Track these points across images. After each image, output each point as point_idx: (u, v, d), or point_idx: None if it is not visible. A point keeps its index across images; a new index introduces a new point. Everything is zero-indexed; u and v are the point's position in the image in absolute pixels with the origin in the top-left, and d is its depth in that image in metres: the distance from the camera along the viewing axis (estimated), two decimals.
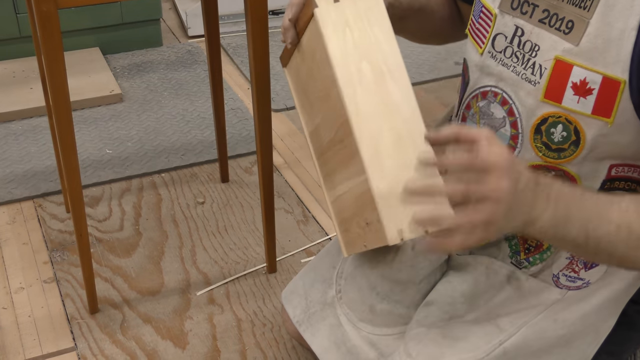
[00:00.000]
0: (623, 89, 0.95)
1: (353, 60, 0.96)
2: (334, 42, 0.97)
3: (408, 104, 0.95)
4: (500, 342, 1.08)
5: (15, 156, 2.21)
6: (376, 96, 0.95)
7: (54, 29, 1.35)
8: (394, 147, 0.94)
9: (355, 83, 0.95)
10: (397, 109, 0.95)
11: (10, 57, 2.65)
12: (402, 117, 0.94)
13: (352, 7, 0.97)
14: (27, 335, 1.63)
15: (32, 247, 1.88)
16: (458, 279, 1.18)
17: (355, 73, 0.96)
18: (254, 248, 1.89)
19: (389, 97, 0.95)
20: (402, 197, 0.91)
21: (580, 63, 0.97)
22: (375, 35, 0.96)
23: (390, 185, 0.93)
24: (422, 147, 0.92)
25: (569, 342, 1.09)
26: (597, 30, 0.95)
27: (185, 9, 2.98)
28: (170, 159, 2.21)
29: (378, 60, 0.96)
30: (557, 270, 1.12)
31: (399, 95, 0.95)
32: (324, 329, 1.26)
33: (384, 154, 0.94)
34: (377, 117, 0.94)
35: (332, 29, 0.97)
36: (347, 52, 0.96)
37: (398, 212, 0.92)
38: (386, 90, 0.95)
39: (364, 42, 0.96)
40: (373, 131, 0.94)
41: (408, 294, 1.21)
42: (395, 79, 0.96)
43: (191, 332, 1.65)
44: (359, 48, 0.96)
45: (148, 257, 1.86)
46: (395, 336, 1.21)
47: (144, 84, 2.61)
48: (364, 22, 0.97)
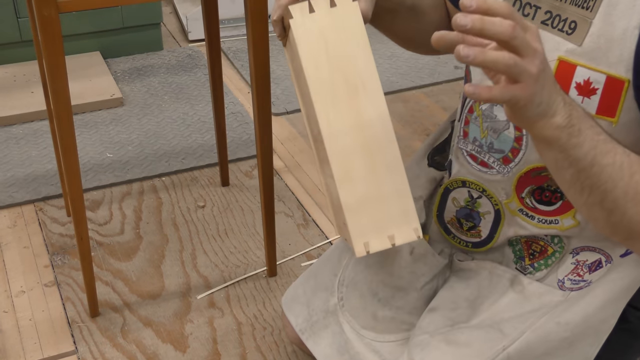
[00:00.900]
0: (627, 88, 0.95)
1: (326, 73, 0.95)
2: (307, 54, 0.95)
3: (381, 119, 0.94)
4: (504, 348, 1.08)
5: (16, 160, 2.21)
6: (349, 111, 0.94)
7: (55, 34, 1.36)
8: (365, 163, 0.94)
9: (328, 97, 0.95)
10: (370, 125, 0.94)
11: (11, 61, 2.66)
12: (374, 132, 0.94)
13: (328, 17, 0.95)
14: (27, 339, 1.64)
15: (33, 250, 1.89)
16: (461, 284, 1.18)
17: (329, 86, 0.94)
18: (254, 252, 1.89)
19: (361, 112, 0.94)
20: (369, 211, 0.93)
21: (583, 63, 0.97)
22: (350, 47, 0.94)
23: (359, 199, 0.94)
24: (393, 163, 0.94)
25: (572, 344, 1.09)
26: (599, 30, 0.95)
27: (186, 13, 2.98)
28: (171, 162, 2.22)
29: (352, 74, 0.94)
30: (563, 275, 1.12)
31: (372, 110, 0.94)
32: (327, 337, 1.25)
33: (354, 169, 0.94)
34: (349, 132, 0.94)
35: (305, 40, 0.95)
36: (321, 64, 0.95)
37: (366, 226, 0.94)
38: (359, 105, 0.94)
39: (338, 55, 0.95)
40: (344, 146, 0.94)
41: (410, 300, 1.21)
42: (368, 93, 0.94)
43: (191, 336, 1.65)
44: (333, 60, 0.95)
45: (148, 261, 1.86)
46: (398, 342, 1.20)
47: (145, 88, 2.62)
48: (339, 34, 0.94)
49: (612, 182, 0.89)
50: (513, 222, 1.12)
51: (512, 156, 1.07)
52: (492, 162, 1.09)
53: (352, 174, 0.94)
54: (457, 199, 1.17)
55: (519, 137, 1.06)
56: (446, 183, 1.18)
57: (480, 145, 1.11)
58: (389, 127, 0.93)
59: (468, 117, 1.13)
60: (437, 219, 1.21)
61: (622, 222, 0.92)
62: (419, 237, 0.94)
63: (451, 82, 2.70)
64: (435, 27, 1.22)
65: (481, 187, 1.13)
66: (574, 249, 1.12)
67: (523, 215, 1.11)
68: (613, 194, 0.90)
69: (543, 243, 1.13)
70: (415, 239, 0.94)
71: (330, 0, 0.95)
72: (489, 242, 1.16)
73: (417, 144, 2.32)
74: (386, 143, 0.94)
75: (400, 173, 0.94)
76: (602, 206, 0.92)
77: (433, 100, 2.59)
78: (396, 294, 1.21)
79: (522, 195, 1.09)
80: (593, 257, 1.11)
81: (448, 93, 2.63)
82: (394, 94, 2.63)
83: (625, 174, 0.89)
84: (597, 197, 0.91)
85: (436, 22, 1.23)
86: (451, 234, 1.20)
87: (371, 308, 1.22)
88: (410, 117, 2.47)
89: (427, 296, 1.22)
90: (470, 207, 1.16)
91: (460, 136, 1.15)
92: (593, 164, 0.88)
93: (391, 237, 0.94)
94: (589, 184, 0.90)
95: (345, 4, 0.94)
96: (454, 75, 2.72)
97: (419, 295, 1.21)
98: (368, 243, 0.94)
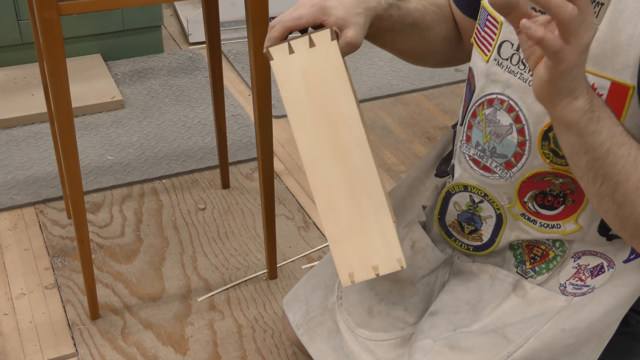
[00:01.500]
0: (632, 94, 0.95)
1: (308, 112, 0.97)
2: (288, 94, 0.98)
3: (361, 154, 0.96)
4: (509, 354, 1.08)
5: (16, 162, 2.21)
6: (331, 148, 0.97)
7: (56, 36, 1.36)
8: (347, 196, 0.97)
9: (310, 135, 0.97)
10: (351, 160, 0.97)
11: (12, 64, 2.66)
12: (355, 167, 0.96)
13: (307, 58, 0.97)
14: (28, 341, 1.64)
15: (34, 253, 1.89)
16: (461, 287, 1.18)
17: (310, 125, 0.97)
18: (255, 254, 1.89)
19: (343, 149, 0.97)
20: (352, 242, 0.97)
21: (588, 69, 0.96)
22: (330, 86, 0.96)
23: (343, 231, 0.97)
24: (375, 195, 0.97)
25: (576, 350, 1.09)
26: (605, 35, 0.95)
27: (187, 15, 2.98)
28: (171, 165, 2.22)
29: (333, 113, 0.97)
30: (564, 279, 1.11)
31: (353, 145, 0.97)
32: (323, 334, 1.26)
33: (337, 202, 0.97)
34: (330, 167, 0.97)
35: (286, 80, 0.98)
36: (302, 104, 0.97)
37: (350, 256, 0.98)
38: (341, 142, 0.97)
39: (318, 94, 0.97)
40: (327, 181, 0.97)
41: (405, 294, 1.21)
42: (349, 130, 0.97)
43: (192, 338, 1.65)
44: (313, 100, 0.97)
45: (149, 263, 1.86)
46: (392, 342, 1.20)
47: (145, 91, 2.62)
48: (319, 74, 0.97)
49: (625, 174, 0.90)
50: (515, 226, 1.12)
51: (515, 161, 1.07)
52: (495, 167, 1.09)
53: (335, 208, 0.97)
54: (459, 203, 1.17)
55: (522, 142, 1.05)
56: (448, 187, 1.18)
57: (483, 149, 1.10)
58: (371, 161, 0.96)
59: (471, 122, 1.13)
60: (439, 222, 1.21)
61: (630, 218, 0.93)
62: (402, 267, 0.97)
63: (452, 84, 2.70)
64: (441, 41, 1.22)
65: (483, 192, 1.12)
66: (576, 253, 1.11)
67: (525, 220, 1.11)
68: (625, 186, 0.90)
69: (544, 247, 1.13)
70: (398, 269, 0.97)
71: (309, 41, 0.96)
72: (491, 246, 1.16)
73: (417, 147, 2.32)
74: (368, 177, 0.97)
75: (383, 206, 0.97)
76: (613, 198, 0.92)
77: (433, 103, 2.59)
78: (393, 287, 1.21)
79: (525, 199, 1.09)
80: (595, 262, 1.10)
81: (449, 96, 2.64)
82: (394, 96, 2.63)
83: (638, 168, 0.90)
84: (609, 188, 0.92)
85: (442, 36, 1.22)
86: (452, 237, 1.20)
87: (368, 302, 1.22)
88: (410, 120, 2.47)
89: (423, 292, 1.22)
90: (472, 211, 1.16)
91: (463, 140, 1.15)
92: (608, 154, 0.89)
93: (375, 267, 0.97)
94: (602, 173, 0.91)
95: (324, 44, 0.96)
96: (455, 78, 2.72)
97: (414, 290, 1.21)
98: (353, 274, 0.98)
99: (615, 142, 0.89)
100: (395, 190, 1.33)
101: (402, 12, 1.14)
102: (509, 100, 1.06)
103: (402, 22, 1.14)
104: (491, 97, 1.09)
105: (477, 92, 1.11)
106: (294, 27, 1.02)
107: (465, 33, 1.23)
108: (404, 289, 1.21)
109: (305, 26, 1.03)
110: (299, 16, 1.01)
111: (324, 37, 0.96)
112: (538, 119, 1.03)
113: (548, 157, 1.04)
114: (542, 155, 1.04)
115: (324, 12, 1.02)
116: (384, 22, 1.12)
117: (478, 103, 1.11)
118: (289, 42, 0.97)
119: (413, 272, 1.20)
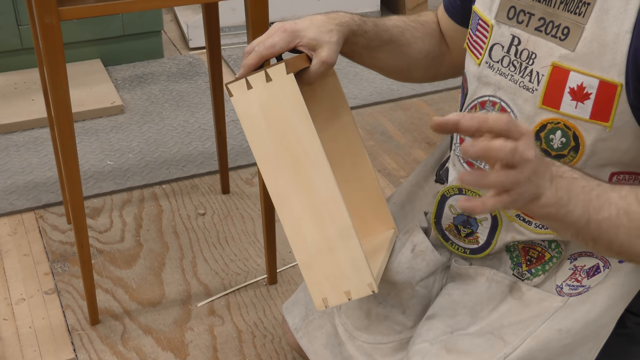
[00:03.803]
0: (620, 92, 0.96)
1: (270, 146, 0.99)
2: (249, 129, 1.00)
3: (325, 183, 0.98)
4: (505, 355, 1.08)
5: (16, 167, 2.21)
6: (295, 179, 0.99)
7: (56, 41, 1.36)
8: (314, 225, 1.00)
9: (273, 168, 1.00)
10: (315, 190, 0.99)
11: (12, 69, 2.66)
12: (320, 196, 0.99)
13: (265, 92, 0.98)
14: (27, 347, 1.63)
15: (33, 258, 1.89)
16: (458, 290, 1.18)
17: (273, 157, 0.99)
18: (255, 259, 1.89)
19: (306, 178, 0.99)
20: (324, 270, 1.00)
21: (576, 68, 0.98)
22: (289, 119, 0.98)
23: (313, 257, 1.00)
24: (341, 223, 0.99)
25: (572, 350, 1.09)
26: (592, 34, 0.97)
27: (187, 20, 2.99)
28: (171, 170, 2.22)
29: (294, 144, 0.98)
30: (561, 280, 1.12)
31: (317, 176, 0.98)
32: (321, 337, 1.26)
33: (305, 231, 1.00)
34: (296, 198, 0.99)
35: (246, 116, 1.00)
36: (263, 137, 0.99)
37: (322, 282, 1.01)
38: (304, 173, 0.99)
39: (278, 127, 0.99)
40: (293, 211, 1.00)
41: (403, 297, 1.21)
42: (311, 160, 0.98)
43: (192, 344, 1.65)
44: (274, 133, 0.99)
45: (149, 268, 1.86)
46: (390, 345, 1.20)
47: (145, 96, 2.62)
48: (277, 107, 0.98)
49: (613, 230, 0.93)
50: (510, 228, 1.13)
51: None
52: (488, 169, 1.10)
53: (304, 236, 1.00)
54: (454, 206, 1.17)
55: None
56: (443, 190, 1.19)
57: None
58: (335, 190, 0.98)
59: None
60: (435, 226, 1.22)
61: (631, 256, 0.96)
62: (373, 292, 1.00)
63: (451, 90, 2.70)
64: (424, 57, 1.24)
65: (477, 194, 1.13)
66: (572, 254, 1.12)
67: (520, 221, 1.11)
68: (617, 239, 0.93)
69: (540, 249, 1.13)
70: (370, 294, 1.00)
71: (265, 76, 0.98)
72: (487, 248, 1.16)
73: (417, 152, 2.32)
74: (334, 206, 0.99)
75: (350, 234, 0.99)
76: (611, 249, 0.96)
77: (433, 108, 2.59)
78: (392, 290, 1.21)
79: None
80: (591, 263, 1.11)
81: (448, 101, 2.64)
82: (394, 102, 2.63)
83: (623, 220, 0.92)
84: (603, 244, 0.95)
85: (425, 52, 1.24)
86: (449, 241, 1.21)
87: (366, 305, 1.22)
88: (410, 125, 2.47)
89: (421, 295, 1.22)
90: (467, 214, 1.16)
91: (457, 143, 1.16)
92: (589, 222, 0.92)
93: (347, 292, 1.01)
94: (591, 237, 0.94)
95: (280, 78, 0.98)
96: (455, 84, 2.72)
97: (412, 293, 1.21)
98: (326, 299, 1.02)
99: (593, 210, 0.91)
100: (395, 196, 1.34)
101: (379, 28, 1.17)
102: (501, 102, 1.07)
103: (378, 39, 1.17)
104: (483, 100, 1.10)
105: (470, 95, 1.13)
106: (269, 55, 1.06)
107: (458, 45, 1.25)
108: (402, 292, 1.21)
109: (279, 52, 1.07)
110: (272, 44, 1.05)
111: (280, 71, 0.97)
112: (529, 119, 1.04)
113: None
114: None
115: (295, 36, 1.06)
116: (358, 39, 1.14)
117: (471, 106, 1.13)
118: (246, 78, 0.99)
119: (412, 275, 1.20)
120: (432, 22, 1.27)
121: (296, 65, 1.03)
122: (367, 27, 1.15)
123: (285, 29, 1.06)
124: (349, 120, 1.17)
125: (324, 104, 1.17)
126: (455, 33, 1.25)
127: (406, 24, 1.22)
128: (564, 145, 1.02)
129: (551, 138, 1.03)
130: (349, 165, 1.20)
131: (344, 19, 1.11)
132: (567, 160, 1.03)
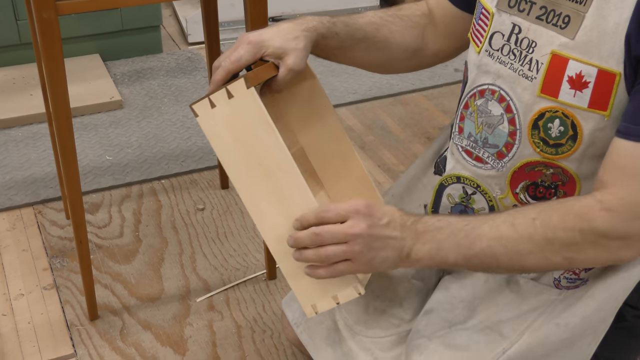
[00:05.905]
0: (618, 81, 0.96)
1: (241, 161, 1.00)
2: (218, 147, 1.01)
3: (300, 193, 1.00)
4: (504, 350, 1.08)
5: (15, 163, 2.21)
6: (269, 192, 1.01)
7: (54, 36, 1.36)
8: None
9: (246, 182, 1.01)
10: (291, 200, 1.00)
11: (10, 64, 2.66)
12: (297, 207, 1.00)
13: (228, 109, 0.99)
14: (26, 342, 1.63)
15: (32, 253, 1.88)
16: (456, 284, 1.18)
17: (245, 172, 1.01)
18: (254, 254, 1.89)
19: (281, 190, 1.00)
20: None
21: (575, 57, 0.99)
22: (255, 132, 0.99)
23: (298, 267, 1.02)
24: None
25: (571, 345, 1.09)
26: (592, 23, 0.97)
27: (186, 15, 2.98)
28: (170, 165, 2.22)
29: (264, 157, 0.99)
30: (559, 273, 1.12)
31: (291, 186, 1.00)
32: (321, 332, 1.26)
33: (286, 242, 1.01)
34: (272, 210, 1.01)
35: (213, 134, 1.00)
36: (232, 153, 1.00)
37: (309, 289, 1.04)
38: (278, 185, 1.00)
39: (246, 142, 0.99)
40: (272, 223, 1.02)
41: (400, 290, 1.21)
42: (283, 170, 0.99)
43: (191, 339, 1.65)
44: (242, 148, 1.00)
45: (148, 264, 1.86)
46: (389, 339, 1.21)
47: (144, 91, 2.62)
48: (242, 122, 0.99)
49: (491, 259, 0.99)
50: None
51: (506, 151, 1.09)
52: (487, 157, 1.11)
53: (286, 247, 1.02)
54: (452, 195, 1.17)
55: (513, 131, 1.07)
56: (441, 179, 1.19)
57: (475, 140, 1.12)
58: (311, 199, 1.00)
59: (463, 113, 1.15)
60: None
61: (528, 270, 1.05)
62: (360, 294, 1.03)
63: (451, 84, 2.70)
64: (404, 50, 1.24)
65: (475, 183, 1.13)
66: None
67: None
68: (502, 264, 1.00)
69: None
70: (357, 296, 1.03)
71: (227, 93, 0.99)
72: None
73: (416, 147, 2.32)
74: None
75: None
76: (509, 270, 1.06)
77: (433, 103, 2.58)
78: (389, 284, 1.22)
79: (517, 190, 1.10)
80: None
81: (448, 96, 2.64)
82: (393, 96, 2.63)
83: (497, 248, 0.98)
84: (498, 269, 1.04)
85: (405, 45, 1.23)
86: None
87: (364, 299, 1.22)
88: (410, 120, 2.47)
89: (418, 289, 1.22)
90: (465, 204, 1.16)
91: (455, 132, 1.17)
92: (468, 259, 0.99)
93: (335, 297, 1.04)
94: (482, 268, 1.04)
95: (241, 93, 0.98)
96: (454, 78, 2.72)
97: (409, 286, 1.22)
98: (315, 305, 1.05)
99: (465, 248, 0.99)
100: (393, 188, 1.34)
101: (351, 28, 1.17)
102: (500, 90, 1.08)
103: (351, 38, 1.17)
104: (483, 88, 1.11)
105: (470, 83, 1.14)
106: (236, 69, 1.06)
107: (452, 32, 1.24)
108: (399, 286, 1.21)
109: (246, 65, 1.07)
110: (238, 58, 1.06)
111: (240, 86, 0.98)
112: (527, 107, 1.05)
113: (538, 146, 1.05)
114: (532, 144, 1.05)
115: (260, 47, 1.06)
116: (329, 41, 1.14)
117: (470, 94, 1.13)
118: (209, 97, 0.99)
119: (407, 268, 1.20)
120: (413, 15, 1.25)
121: (261, 76, 1.04)
122: (337, 28, 1.15)
123: (250, 41, 1.07)
124: (334, 119, 1.18)
125: (306, 106, 1.17)
126: (454, 19, 1.24)
127: (382, 20, 1.21)
128: (562, 134, 1.02)
129: (549, 126, 1.03)
130: (338, 164, 1.20)
131: (311, 24, 1.11)
132: (565, 150, 1.03)
